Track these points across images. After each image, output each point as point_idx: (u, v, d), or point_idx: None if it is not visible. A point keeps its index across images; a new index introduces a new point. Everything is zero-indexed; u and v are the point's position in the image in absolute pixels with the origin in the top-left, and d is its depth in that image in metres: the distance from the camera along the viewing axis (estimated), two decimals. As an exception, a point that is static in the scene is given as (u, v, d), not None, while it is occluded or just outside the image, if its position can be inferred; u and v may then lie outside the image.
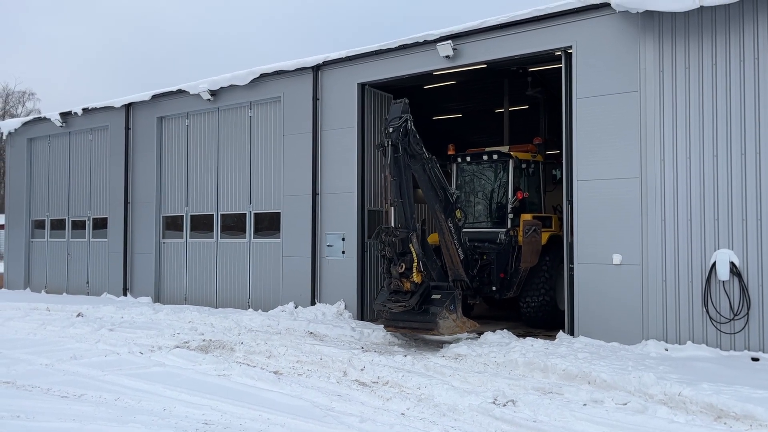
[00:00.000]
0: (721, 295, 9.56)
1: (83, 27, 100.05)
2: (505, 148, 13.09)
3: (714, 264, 9.57)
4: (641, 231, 10.22)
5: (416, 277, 9.74)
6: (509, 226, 12.47)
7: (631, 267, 10.28)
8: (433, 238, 12.30)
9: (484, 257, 12.10)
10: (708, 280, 9.65)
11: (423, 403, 7.05)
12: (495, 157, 12.87)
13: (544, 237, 12.16)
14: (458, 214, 11.22)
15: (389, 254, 9.79)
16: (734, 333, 9.46)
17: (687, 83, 9.95)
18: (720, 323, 9.54)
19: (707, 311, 9.64)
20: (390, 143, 9.88)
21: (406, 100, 10.38)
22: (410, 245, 9.74)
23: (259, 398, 7.16)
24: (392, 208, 9.92)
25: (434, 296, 10.02)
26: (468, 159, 13.22)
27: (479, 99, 17.84)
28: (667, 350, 9.58)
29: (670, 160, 10.04)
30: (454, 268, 11.27)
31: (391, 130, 9.90)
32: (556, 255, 12.18)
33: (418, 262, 9.72)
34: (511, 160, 12.73)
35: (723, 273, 9.46)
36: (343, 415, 6.53)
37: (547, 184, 13.96)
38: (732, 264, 9.45)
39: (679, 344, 9.74)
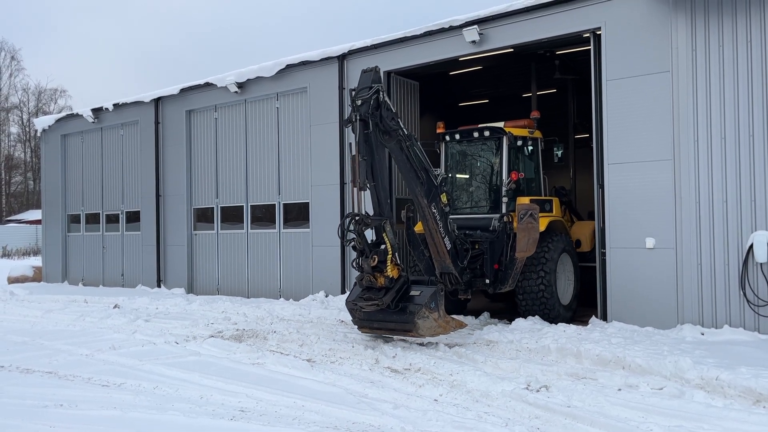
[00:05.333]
0: (759, 277, 9.36)
1: (111, 24, 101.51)
2: (500, 124, 11.73)
3: (751, 246, 9.36)
4: (675, 214, 10.04)
5: (391, 271, 8.60)
6: (504, 211, 11.06)
7: (664, 251, 10.12)
8: (420, 227, 10.71)
9: (477, 246, 10.77)
10: (745, 262, 9.45)
11: (456, 389, 7.06)
12: (487, 133, 11.47)
13: (543, 223, 10.88)
14: (444, 198, 9.96)
15: (359, 245, 8.66)
16: (773, 316, 9.27)
17: (721, 61, 9.70)
18: (758, 306, 9.35)
19: (744, 294, 9.45)
20: (358, 118, 8.68)
21: (378, 68, 9.33)
22: (384, 235, 8.67)
23: (293, 386, 7.24)
24: (361, 192, 8.68)
25: (413, 293, 8.89)
26: (457, 137, 11.86)
27: (506, 84, 17.68)
28: (703, 334, 9.41)
29: (704, 141, 9.83)
30: (441, 260, 10.20)
31: (359, 102, 8.73)
32: (557, 243, 11.06)
33: (393, 254, 8.64)
34: (504, 137, 11.27)
35: (761, 255, 9.25)
36: (376, 402, 6.58)
37: (545, 164, 12.51)
38: (770, 246, 9.24)
39: (716, 328, 9.57)
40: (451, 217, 10.49)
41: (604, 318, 10.76)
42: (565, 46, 13.03)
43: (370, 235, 8.84)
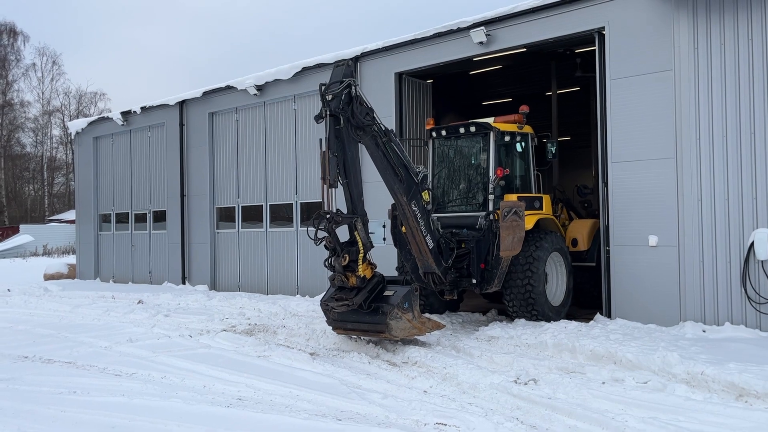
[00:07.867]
0: (760, 275, 9.36)
1: (150, 29, 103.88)
2: (490, 120, 11.26)
3: (752, 243, 9.37)
4: (677, 211, 10.09)
5: (363, 271, 8.48)
6: (491, 208, 10.63)
7: (667, 248, 10.18)
8: None
9: (463, 245, 10.49)
10: (746, 260, 9.46)
11: (447, 381, 7.33)
12: (473, 129, 11.07)
13: (530, 221, 10.54)
14: (426, 196, 9.75)
15: (329, 244, 8.51)
16: (774, 313, 9.27)
17: (722, 60, 9.72)
18: (759, 303, 9.36)
19: (746, 292, 9.46)
20: (328, 113, 8.53)
21: (350, 62, 9.13)
22: (355, 233, 8.57)
23: (292, 377, 7.59)
24: (332, 189, 8.50)
25: (387, 293, 8.79)
26: (444, 133, 11.46)
27: (529, 83, 17.76)
28: (704, 332, 9.45)
29: (706, 139, 9.86)
30: (423, 259, 10.00)
31: (329, 97, 8.54)
32: (546, 242, 10.67)
33: (364, 253, 8.54)
34: (491, 133, 10.86)
35: (762, 252, 9.26)
36: (367, 392, 6.88)
37: (536, 161, 11.84)
38: (771, 243, 9.24)
39: (718, 326, 9.60)
40: (439, 215, 10.44)
41: (609, 315, 10.85)
42: (573, 46, 13.10)
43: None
